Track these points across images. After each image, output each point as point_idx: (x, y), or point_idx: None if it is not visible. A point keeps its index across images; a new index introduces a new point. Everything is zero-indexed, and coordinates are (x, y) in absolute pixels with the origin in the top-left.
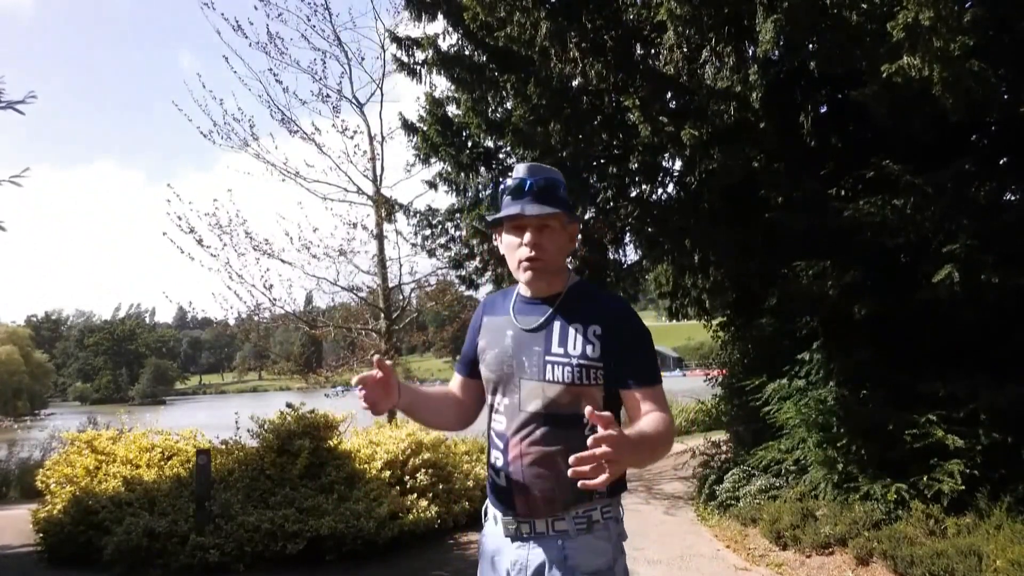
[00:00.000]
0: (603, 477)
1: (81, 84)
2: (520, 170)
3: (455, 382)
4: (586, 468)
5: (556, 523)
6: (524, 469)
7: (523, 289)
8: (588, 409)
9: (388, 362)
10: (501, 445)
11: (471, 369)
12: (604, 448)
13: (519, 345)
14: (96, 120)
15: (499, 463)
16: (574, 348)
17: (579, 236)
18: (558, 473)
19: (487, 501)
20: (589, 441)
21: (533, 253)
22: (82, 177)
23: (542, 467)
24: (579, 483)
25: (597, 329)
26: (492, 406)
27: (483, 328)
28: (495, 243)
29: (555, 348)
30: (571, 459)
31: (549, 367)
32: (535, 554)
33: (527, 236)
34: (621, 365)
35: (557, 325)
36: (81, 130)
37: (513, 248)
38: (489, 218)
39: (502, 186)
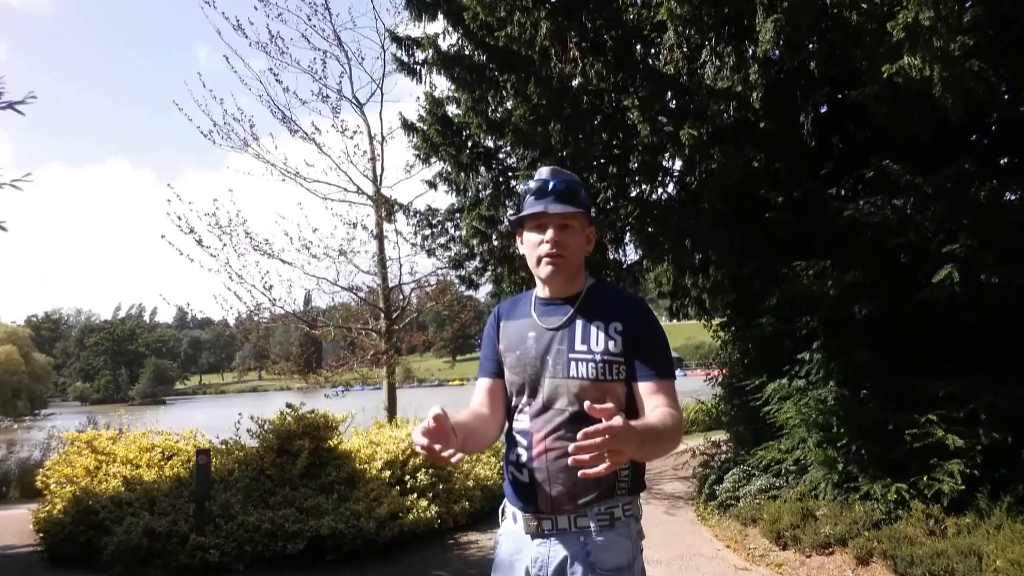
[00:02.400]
0: (604, 466)
1: (97, 83)
2: (543, 172)
3: (482, 387)
4: (585, 457)
5: (578, 519)
6: (549, 465)
7: (541, 291)
8: (587, 404)
9: (438, 410)
10: (525, 442)
11: (497, 368)
12: (603, 438)
13: (543, 345)
14: (110, 119)
15: (522, 459)
16: (597, 344)
17: (594, 240)
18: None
19: (504, 501)
20: (580, 434)
21: (554, 249)
22: (93, 176)
23: (566, 463)
24: (579, 472)
25: (618, 325)
26: (515, 407)
27: (502, 332)
28: (517, 244)
29: (578, 345)
30: (570, 447)
31: (573, 364)
32: (557, 550)
33: (549, 233)
34: (638, 358)
35: (579, 323)
36: (95, 129)
37: (534, 245)
38: (512, 217)
39: (524, 188)
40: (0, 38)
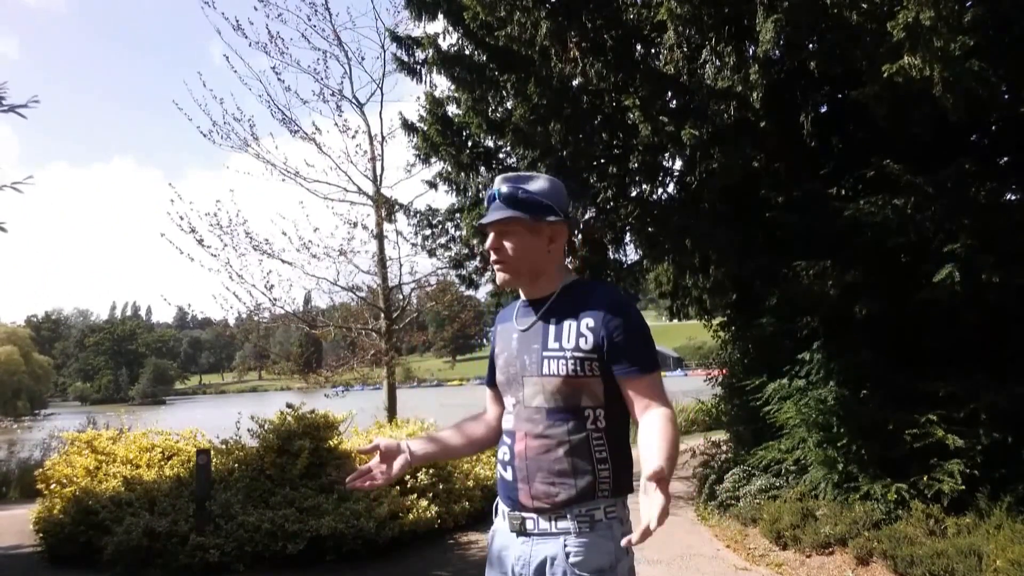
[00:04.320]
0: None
1: (107, 81)
2: (495, 182)
3: (487, 396)
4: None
5: (559, 521)
6: (528, 462)
7: (521, 294)
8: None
9: (370, 444)
10: (509, 441)
11: (493, 377)
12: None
13: (521, 345)
14: (119, 118)
15: (506, 457)
16: (568, 342)
17: (569, 235)
18: (560, 466)
19: (497, 498)
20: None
21: (495, 256)
22: (99, 175)
23: (544, 460)
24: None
25: (590, 322)
26: (505, 408)
27: (496, 335)
28: None
29: (551, 343)
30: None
31: (546, 362)
32: (538, 550)
33: (488, 241)
34: (614, 355)
35: (552, 321)
36: (103, 127)
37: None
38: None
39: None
40: (13, 35)
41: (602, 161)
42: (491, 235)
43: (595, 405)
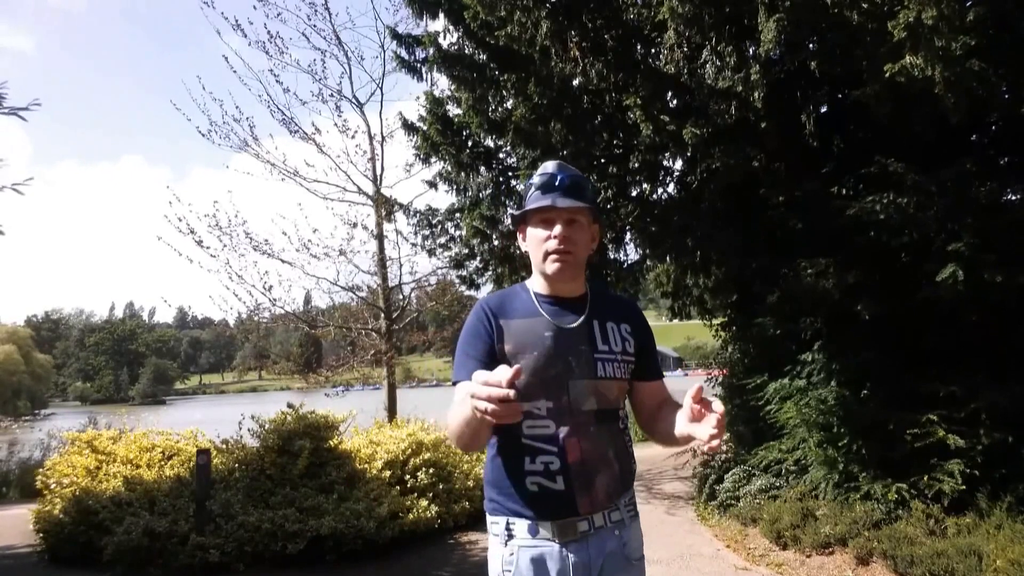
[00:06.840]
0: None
1: (119, 80)
2: (549, 166)
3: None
4: (722, 434)
5: (612, 514)
6: (589, 468)
7: (540, 288)
8: (698, 387)
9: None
10: (555, 449)
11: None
12: (721, 415)
13: (563, 345)
14: (128, 116)
15: (554, 467)
16: (616, 345)
17: (599, 238)
18: (613, 467)
19: (506, 519)
20: (718, 413)
21: (563, 245)
22: (106, 173)
23: (604, 463)
24: (707, 447)
25: (628, 327)
26: (526, 412)
27: (506, 332)
28: (519, 240)
29: (600, 345)
30: (704, 438)
31: (600, 364)
32: (597, 550)
33: (557, 228)
34: (646, 360)
35: (596, 323)
36: (114, 126)
37: (540, 241)
38: (517, 212)
39: (528, 182)
40: (30, 33)
41: (602, 161)
42: (560, 222)
43: (622, 405)
